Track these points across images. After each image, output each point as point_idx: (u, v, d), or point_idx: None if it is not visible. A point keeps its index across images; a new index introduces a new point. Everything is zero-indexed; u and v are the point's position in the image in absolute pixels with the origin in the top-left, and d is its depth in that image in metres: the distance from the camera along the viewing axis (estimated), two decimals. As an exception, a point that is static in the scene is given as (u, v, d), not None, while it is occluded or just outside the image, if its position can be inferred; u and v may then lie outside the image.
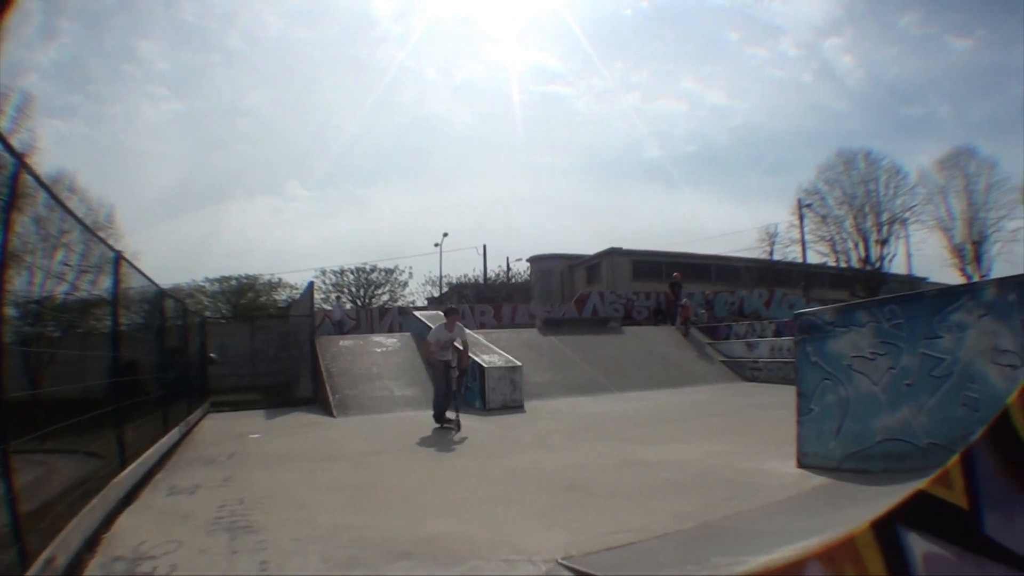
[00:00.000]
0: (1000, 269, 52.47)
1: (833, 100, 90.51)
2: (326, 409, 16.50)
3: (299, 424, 14.76)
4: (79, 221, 6.64)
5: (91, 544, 5.50)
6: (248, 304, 52.68)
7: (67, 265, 6.34)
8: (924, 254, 74.02)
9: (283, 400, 19.89)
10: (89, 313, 8.05)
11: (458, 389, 13.76)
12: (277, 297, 54.92)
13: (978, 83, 79.83)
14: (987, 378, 5.97)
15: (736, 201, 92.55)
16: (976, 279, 49.42)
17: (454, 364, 13.31)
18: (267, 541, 5.54)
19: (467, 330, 19.25)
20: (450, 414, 12.86)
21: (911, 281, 54.67)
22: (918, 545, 2.81)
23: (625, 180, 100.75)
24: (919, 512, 2.85)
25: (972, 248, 53.28)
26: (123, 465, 7.50)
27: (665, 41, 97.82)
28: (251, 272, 56.26)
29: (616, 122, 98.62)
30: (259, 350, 28.02)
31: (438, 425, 12.71)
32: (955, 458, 2.78)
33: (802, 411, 7.97)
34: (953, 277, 52.69)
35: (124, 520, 6.52)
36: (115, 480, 6.95)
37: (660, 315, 33.05)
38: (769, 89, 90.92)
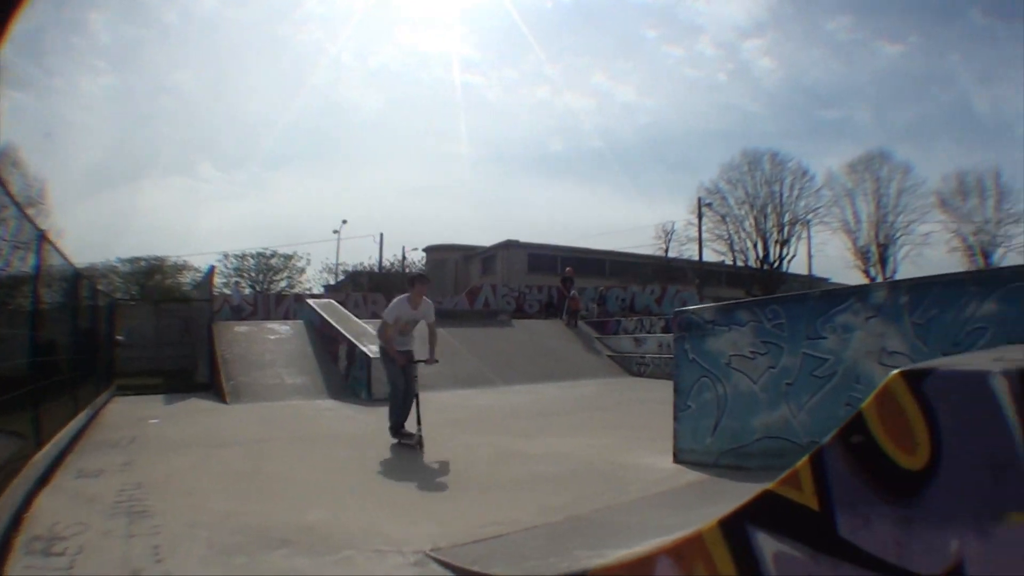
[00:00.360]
0: (907, 271, 54.86)
1: (747, 101, 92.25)
2: (221, 396, 16.28)
3: (196, 410, 14.70)
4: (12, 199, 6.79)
5: (15, 523, 5.68)
6: (155, 286, 51.74)
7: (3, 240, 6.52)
8: (827, 255, 76.07)
9: (184, 385, 19.58)
10: (17, 291, 8.01)
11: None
12: (183, 280, 53.87)
13: (904, 89, 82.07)
14: (874, 379, 6.05)
15: (638, 198, 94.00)
16: (880, 281, 51.42)
17: (420, 357, 9.86)
18: (160, 526, 5.65)
19: (358, 319, 18.99)
20: (411, 428, 9.32)
21: (811, 281, 56.40)
22: (768, 544, 2.82)
23: (528, 173, 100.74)
24: (767, 512, 2.86)
25: (878, 250, 55.51)
26: (39, 446, 7.62)
27: (582, 35, 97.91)
28: (161, 253, 55.34)
29: (524, 115, 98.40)
30: (163, 334, 27.31)
31: (395, 441, 9.49)
32: (803, 460, 2.82)
33: (679, 407, 8.05)
34: (857, 278, 54.96)
35: (41, 501, 6.65)
36: (33, 460, 7.11)
37: (551, 309, 33.28)
38: (682, 88, 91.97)
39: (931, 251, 55.87)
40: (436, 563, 4.60)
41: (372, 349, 16.12)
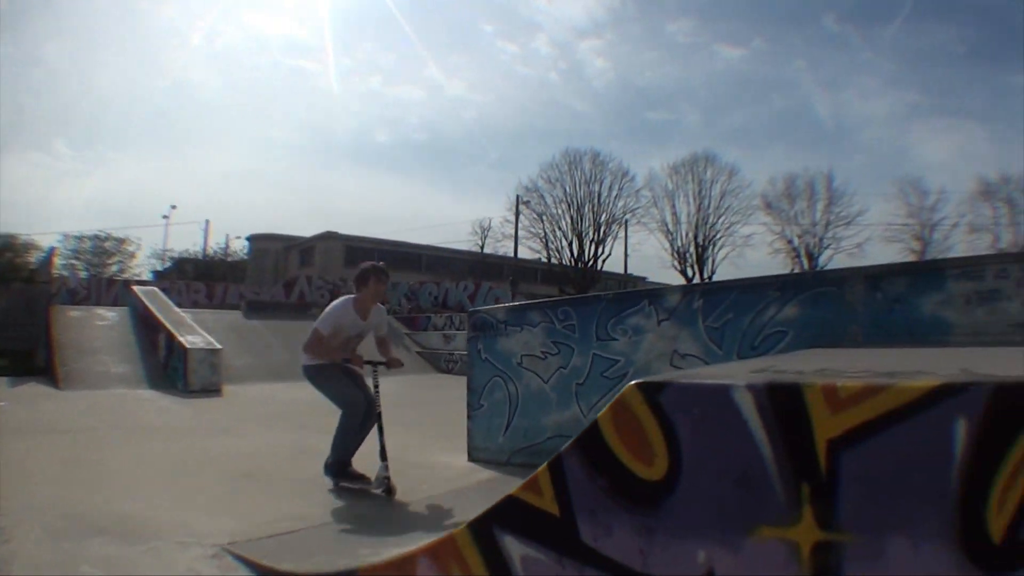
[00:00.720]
0: (725, 272, 56.98)
1: (576, 100, 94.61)
2: (55, 381, 16.08)
3: (33, 394, 14.67)
4: None
5: None
6: (6, 264, 47.98)
7: None
8: (643, 255, 78.15)
9: (26, 368, 19.25)
10: None
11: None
12: (31, 260, 50.10)
13: (741, 93, 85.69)
14: (664, 379, 6.25)
15: (459, 193, 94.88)
16: (696, 280, 53.51)
17: (375, 367, 7.03)
18: (2, 508, 5.73)
19: (178, 308, 18.29)
20: (381, 468, 6.51)
21: (627, 280, 57.82)
22: (515, 547, 2.85)
23: (354, 164, 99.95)
24: (512, 516, 2.90)
25: (696, 251, 56.95)
26: None
27: (420, 26, 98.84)
28: (14, 231, 52.05)
29: (354, 104, 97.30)
30: (9, 314, 25.56)
31: (337, 484, 6.81)
32: (543, 466, 2.84)
33: (472, 407, 8.21)
34: (674, 278, 56.70)
35: None
36: None
37: None
38: (512, 85, 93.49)
39: (753, 252, 58.51)
40: (231, 556, 4.74)
41: (189, 340, 16.65)
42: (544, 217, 57.57)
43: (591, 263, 57.28)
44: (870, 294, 5.83)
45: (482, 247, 59.68)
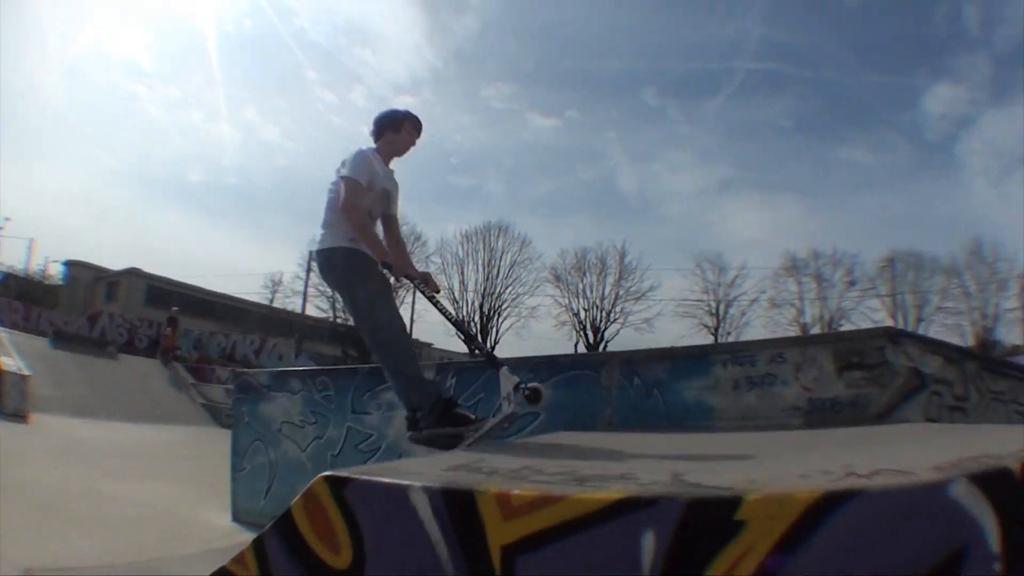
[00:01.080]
0: (508, 342, 57.23)
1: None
2: None
3: None
4: None
5: None
6: None
7: None
8: (428, 321, 75.91)
9: None
10: None
11: None
12: None
13: (548, 163, 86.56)
14: (416, 456, 6.13)
15: (263, 242, 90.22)
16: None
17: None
18: None
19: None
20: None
21: (414, 345, 57.17)
22: None
23: (168, 199, 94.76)
24: None
25: (481, 320, 56.81)
26: None
27: (249, 65, 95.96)
28: None
29: (175, 137, 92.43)
30: None
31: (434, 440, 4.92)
32: (249, 543, 2.90)
33: (235, 468, 8.07)
34: (459, 346, 55.49)
35: None
36: None
37: (156, 347, 31.92)
38: (325, 136, 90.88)
39: (539, 324, 58.30)
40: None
41: (6, 361, 16.43)
42: (333, 277, 55.67)
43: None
44: (627, 379, 5.91)
45: (271, 300, 57.67)
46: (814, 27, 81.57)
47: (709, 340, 52.80)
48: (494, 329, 56.97)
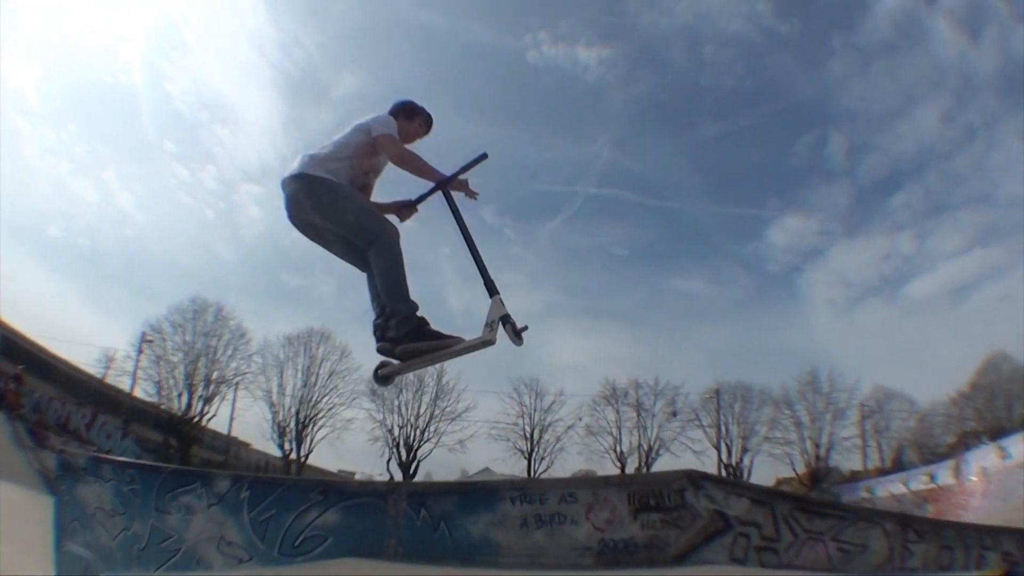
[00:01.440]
0: (322, 452, 56.98)
1: (223, 245, 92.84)
2: None
3: None
4: None
5: None
6: None
7: None
8: (246, 421, 70.75)
9: None
10: None
11: None
12: None
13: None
14: (212, 564, 6.12)
15: (106, 312, 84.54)
16: (293, 458, 53.57)
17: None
18: None
19: None
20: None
21: (231, 442, 56.89)
22: None
23: (28, 251, 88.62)
24: None
25: (297, 427, 54.82)
26: None
27: (122, 124, 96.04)
28: None
29: (41, 186, 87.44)
30: None
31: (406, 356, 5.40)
32: None
33: (57, 546, 7.66)
34: (273, 450, 55.60)
35: None
36: None
37: (2, 399, 31.05)
38: (172, 212, 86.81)
39: (352, 437, 56.49)
40: None
41: None
42: (162, 361, 54.29)
43: (197, 420, 54.18)
44: (414, 510, 5.88)
45: (104, 377, 54.18)
46: (667, 155, 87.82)
47: (523, 464, 54.20)
48: (309, 438, 55.85)
